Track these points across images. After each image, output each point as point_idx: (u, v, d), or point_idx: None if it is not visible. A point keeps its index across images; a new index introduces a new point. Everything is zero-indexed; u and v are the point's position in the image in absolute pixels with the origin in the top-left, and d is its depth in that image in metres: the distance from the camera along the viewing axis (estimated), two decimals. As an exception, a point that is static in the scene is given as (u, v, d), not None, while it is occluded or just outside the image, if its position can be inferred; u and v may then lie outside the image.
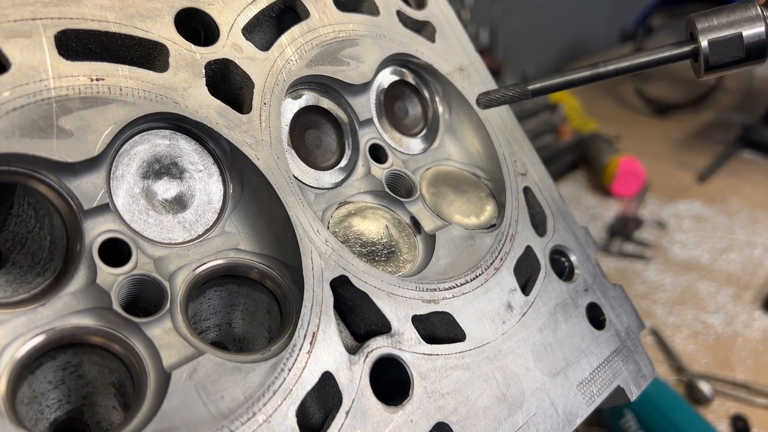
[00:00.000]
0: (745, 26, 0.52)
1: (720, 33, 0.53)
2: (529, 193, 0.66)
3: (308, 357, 0.46)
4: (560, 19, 3.05)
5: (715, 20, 0.53)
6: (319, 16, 0.59)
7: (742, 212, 1.98)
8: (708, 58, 0.53)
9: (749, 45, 0.52)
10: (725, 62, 0.53)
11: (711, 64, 0.53)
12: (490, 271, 0.59)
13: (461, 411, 0.51)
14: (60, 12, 0.45)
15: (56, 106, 0.43)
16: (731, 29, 0.52)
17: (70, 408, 0.45)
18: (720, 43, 0.53)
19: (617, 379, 0.61)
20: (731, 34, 0.52)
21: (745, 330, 1.50)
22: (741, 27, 0.52)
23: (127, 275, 0.44)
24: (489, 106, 0.60)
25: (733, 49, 0.52)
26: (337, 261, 0.51)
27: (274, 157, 0.51)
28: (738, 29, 0.52)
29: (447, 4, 0.70)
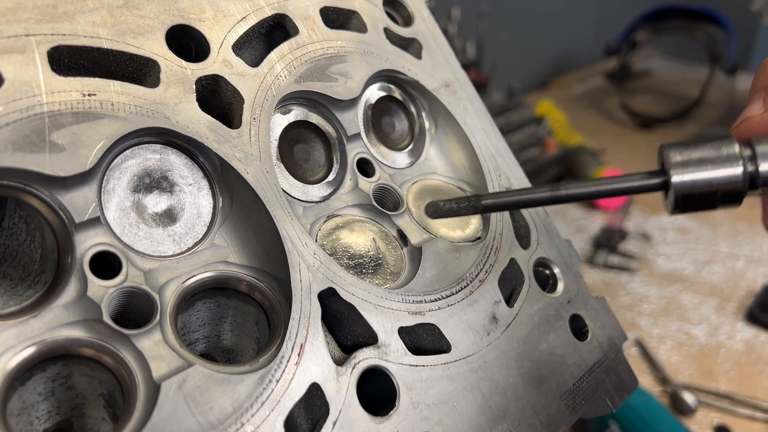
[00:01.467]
0: (721, 168, 0.47)
1: (693, 173, 0.47)
2: (514, 207, 0.68)
3: (296, 368, 0.47)
4: (546, 34, 3.09)
5: (690, 155, 0.48)
6: (307, 33, 0.60)
7: (724, 225, 2.01)
8: (678, 199, 0.48)
9: (724, 190, 0.47)
10: (696, 206, 0.48)
11: (681, 207, 0.49)
12: (475, 283, 0.60)
13: (446, 421, 0.52)
14: (53, 28, 0.46)
15: (49, 121, 0.43)
16: (705, 170, 0.47)
17: (60, 419, 0.46)
18: (692, 186, 0.47)
19: (600, 390, 0.62)
20: (704, 179, 0.47)
21: (728, 341, 1.51)
22: (717, 167, 0.47)
23: (118, 287, 0.45)
24: (436, 216, 0.59)
25: (705, 193, 0.47)
26: (325, 273, 0.52)
27: (263, 171, 0.52)
28: (713, 170, 0.47)
29: (433, 22, 0.72)
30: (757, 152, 0.46)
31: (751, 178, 0.46)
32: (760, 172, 0.46)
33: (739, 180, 0.46)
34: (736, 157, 0.46)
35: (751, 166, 0.46)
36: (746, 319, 1.58)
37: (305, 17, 0.60)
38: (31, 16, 0.45)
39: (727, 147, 0.47)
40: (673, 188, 0.48)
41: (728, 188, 0.47)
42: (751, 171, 0.46)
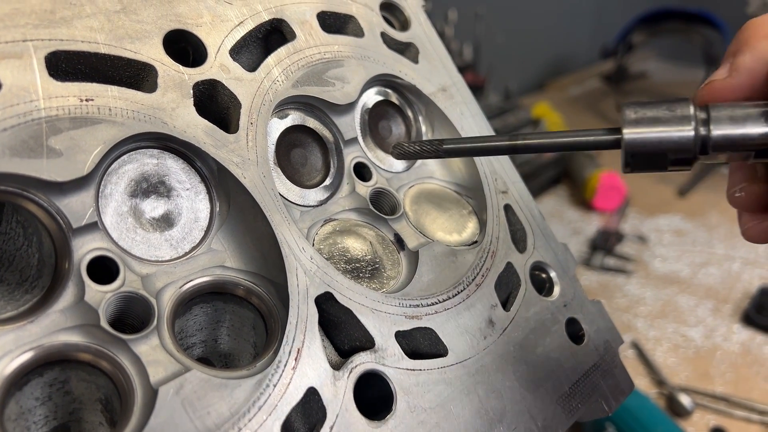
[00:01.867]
0: (673, 128, 0.45)
1: (644, 130, 0.46)
2: (510, 211, 0.68)
3: (293, 373, 0.47)
4: (543, 36, 3.09)
5: (645, 113, 0.46)
6: (305, 38, 0.60)
7: (721, 226, 2.01)
8: (628, 156, 0.47)
9: (674, 150, 0.46)
10: (646, 166, 0.47)
11: (631, 165, 0.48)
12: (472, 287, 0.60)
13: (443, 425, 0.52)
14: (50, 34, 0.46)
15: (46, 126, 0.43)
16: (657, 128, 0.46)
17: (57, 424, 0.46)
18: (641, 143, 0.46)
19: (596, 393, 0.63)
20: (654, 137, 0.46)
21: (724, 343, 1.52)
22: (669, 127, 0.46)
23: (115, 292, 0.45)
24: (401, 157, 0.59)
25: (655, 152, 0.46)
26: (322, 278, 0.52)
27: (260, 176, 0.52)
28: (664, 130, 0.46)
29: (430, 26, 0.72)
30: (712, 116, 0.45)
31: (702, 142, 0.45)
32: (712, 136, 0.45)
33: (689, 142, 0.45)
34: (689, 119, 0.45)
35: (703, 130, 0.45)
36: (742, 321, 1.58)
37: (302, 22, 0.61)
38: (29, 21, 0.46)
39: (682, 108, 0.46)
40: (624, 144, 0.47)
41: (678, 149, 0.45)
42: (703, 135, 0.45)
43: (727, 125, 0.44)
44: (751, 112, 0.44)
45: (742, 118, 0.44)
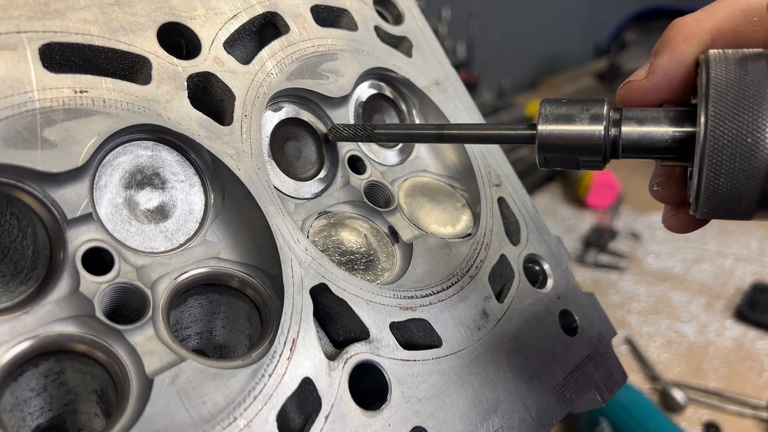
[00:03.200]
0: (584, 126, 0.46)
1: (557, 127, 0.46)
2: (504, 204, 0.68)
3: (288, 363, 0.47)
4: (537, 34, 3.10)
5: (560, 110, 0.47)
6: (298, 31, 0.60)
7: (713, 223, 2.02)
8: (541, 152, 0.47)
9: (584, 148, 0.46)
10: (559, 162, 0.48)
11: (546, 161, 0.48)
12: (466, 279, 0.60)
13: (438, 415, 0.52)
14: (44, 25, 0.46)
15: (40, 117, 0.43)
16: (569, 126, 0.46)
17: (52, 415, 0.46)
18: (553, 139, 0.46)
19: (589, 384, 0.63)
20: (565, 134, 0.46)
21: (717, 339, 1.52)
22: (580, 125, 0.46)
23: (110, 283, 0.45)
24: (336, 139, 0.60)
25: (566, 148, 0.46)
26: (317, 269, 0.52)
27: (254, 168, 0.52)
28: (576, 127, 0.46)
29: (424, 20, 0.72)
30: (623, 117, 0.45)
31: (613, 143, 0.45)
32: (622, 137, 0.45)
33: (598, 140, 0.45)
34: (601, 118, 0.45)
35: (614, 131, 0.45)
36: (735, 316, 1.59)
37: (296, 15, 0.61)
38: (23, 13, 0.46)
39: (596, 108, 0.46)
40: (537, 139, 0.47)
41: (588, 148, 0.46)
42: (614, 135, 0.45)
43: (636, 128, 0.45)
44: (659, 116, 0.44)
45: (650, 121, 0.44)
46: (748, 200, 0.40)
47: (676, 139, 0.43)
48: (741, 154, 0.39)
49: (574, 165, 0.48)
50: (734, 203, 0.40)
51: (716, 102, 0.40)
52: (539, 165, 0.49)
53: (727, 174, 0.40)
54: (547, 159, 0.48)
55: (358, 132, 0.59)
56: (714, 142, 0.40)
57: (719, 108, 0.40)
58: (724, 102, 0.40)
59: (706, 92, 0.40)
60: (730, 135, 0.39)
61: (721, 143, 0.39)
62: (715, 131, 0.40)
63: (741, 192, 0.40)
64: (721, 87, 0.40)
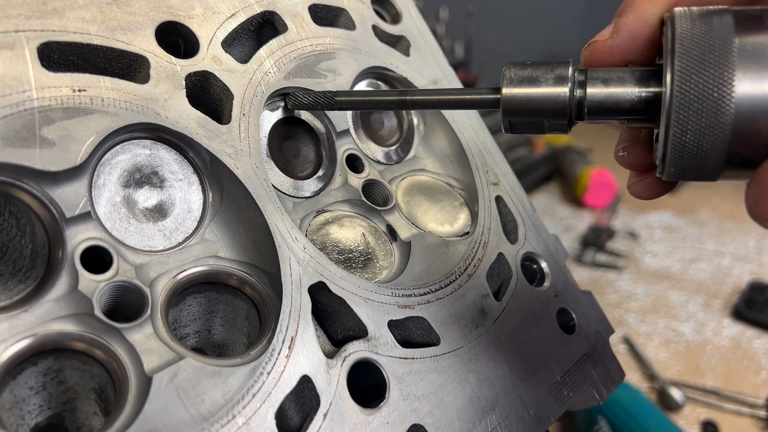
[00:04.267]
0: (549, 87, 0.45)
1: (521, 90, 0.45)
2: (501, 202, 0.68)
3: (287, 361, 0.48)
4: (534, 34, 3.10)
5: (524, 72, 0.46)
6: (296, 30, 0.60)
7: (711, 223, 2.03)
8: (505, 115, 0.46)
9: (549, 111, 0.45)
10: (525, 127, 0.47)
11: (510, 125, 0.47)
12: (464, 277, 0.60)
13: (436, 413, 0.52)
14: (42, 24, 0.46)
15: (39, 116, 0.44)
16: (533, 88, 0.45)
17: (51, 414, 0.46)
18: (517, 102, 0.46)
19: (587, 382, 0.63)
20: (530, 96, 0.45)
21: (714, 338, 1.53)
22: (545, 86, 0.45)
23: (109, 282, 0.45)
24: (296, 107, 0.59)
25: (531, 111, 0.46)
26: (315, 268, 0.52)
27: (253, 167, 0.53)
28: (540, 89, 0.45)
29: (421, 20, 0.73)
30: (588, 78, 0.44)
31: (579, 105, 0.44)
32: (587, 99, 0.44)
33: (563, 101, 0.44)
34: (566, 80, 0.44)
35: (579, 92, 0.44)
36: (732, 315, 1.60)
37: (294, 14, 0.61)
38: (21, 12, 0.46)
39: (561, 69, 0.45)
40: (501, 102, 0.46)
41: (553, 110, 0.45)
42: (579, 96, 0.44)
43: (601, 89, 0.44)
44: (624, 76, 0.43)
45: (615, 82, 0.44)
46: (715, 158, 0.39)
47: (642, 99, 0.43)
48: (707, 110, 0.38)
49: (540, 129, 0.47)
50: (701, 161, 0.40)
51: (682, 57, 0.39)
52: (504, 130, 0.48)
53: (694, 130, 0.39)
54: (512, 123, 0.47)
55: (318, 99, 0.57)
56: (680, 98, 0.39)
57: (685, 63, 0.39)
58: (689, 57, 0.39)
59: (672, 48, 0.40)
60: (697, 90, 0.38)
61: (687, 99, 0.39)
62: (681, 87, 0.39)
63: (708, 149, 0.39)
64: (687, 42, 0.39)
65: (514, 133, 0.48)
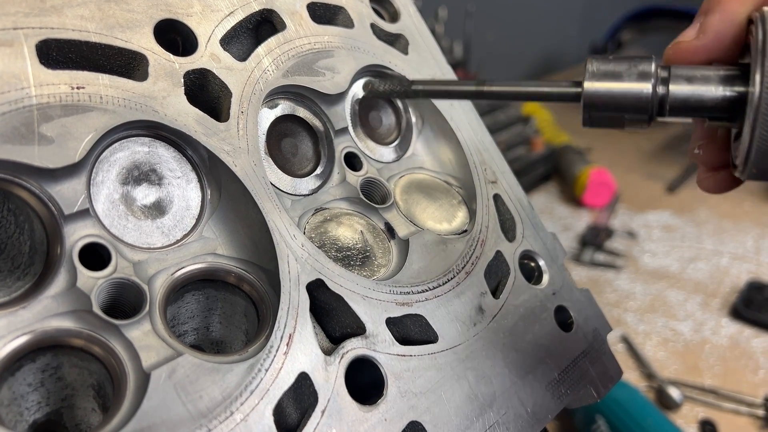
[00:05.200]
0: (632, 83, 0.45)
1: (604, 84, 0.46)
2: (499, 200, 0.68)
3: (285, 358, 0.48)
4: (533, 33, 3.11)
5: (607, 67, 0.46)
6: (295, 28, 0.60)
7: (709, 222, 2.03)
8: (586, 109, 0.47)
9: (631, 106, 0.46)
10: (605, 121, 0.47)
11: (590, 119, 0.48)
12: (462, 275, 0.61)
13: (434, 410, 0.53)
14: (41, 22, 0.46)
15: (37, 113, 0.44)
16: (616, 83, 0.46)
17: (50, 410, 0.46)
18: (600, 96, 0.46)
19: (585, 380, 0.63)
20: (613, 91, 0.46)
21: (713, 337, 1.53)
22: (628, 82, 0.45)
23: (107, 279, 0.45)
24: (372, 95, 0.61)
25: (612, 106, 0.46)
26: (313, 265, 0.52)
27: (251, 164, 0.53)
28: (623, 84, 0.45)
29: (420, 18, 0.73)
30: (672, 76, 0.45)
31: (660, 102, 0.45)
32: (669, 96, 0.44)
33: (646, 97, 0.45)
34: (649, 76, 0.45)
35: (662, 89, 0.45)
36: (731, 315, 1.60)
37: (292, 12, 0.61)
38: (20, 9, 0.46)
39: (644, 65, 0.45)
40: (583, 96, 0.47)
41: (635, 106, 0.45)
42: (661, 93, 0.45)
43: (685, 86, 0.44)
44: (709, 75, 0.44)
45: (699, 80, 0.44)
46: None
47: (726, 98, 0.43)
48: None
49: (619, 124, 0.47)
50: None
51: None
52: (583, 124, 0.48)
53: None
54: (592, 117, 0.48)
55: (394, 87, 0.59)
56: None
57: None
58: None
59: (763, 48, 0.39)
60: None
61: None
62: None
63: None
64: None
65: (593, 126, 0.48)
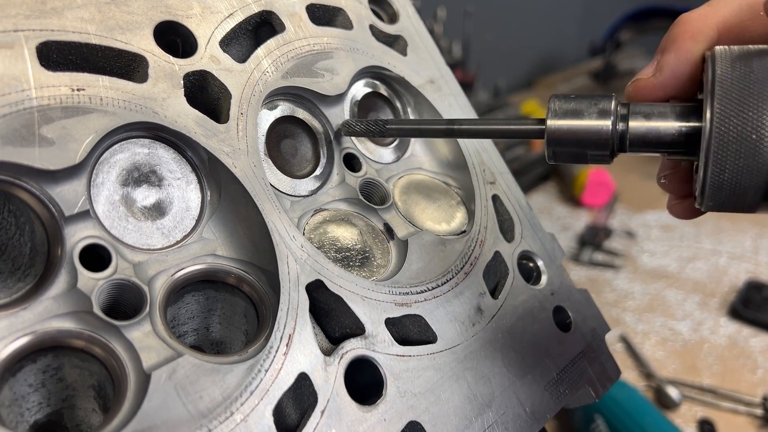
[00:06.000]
0: (592, 120, 0.47)
1: (565, 122, 0.47)
2: (498, 201, 0.69)
3: (284, 358, 0.48)
4: (532, 33, 3.11)
5: (569, 105, 0.48)
6: (294, 30, 0.61)
7: (707, 222, 2.03)
8: (549, 146, 0.48)
9: (592, 143, 0.47)
10: (568, 157, 0.49)
11: (554, 155, 0.49)
12: (461, 275, 0.61)
13: (433, 410, 0.53)
14: (41, 24, 0.47)
15: (38, 115, 0.44)
16: (577, 120, 0.47)
17: (50, 411, 0.46)
18: (561, 133, 0.48)
19: (583, 380, 0.64)
20: (573, 128, 0.47)
21: (711, 336, 1.53)
22: (588, 119, 0.47)
23: (108, 280, 0.46)
24: (348, 134, 0.62)
25: (574, 142, 0.47)
26: (313, 266, 0.52)
27: (251, 166, 0.53)
28: (583, 122, 0.47)
29: (418, 19, 0.73)
30: (631, 112, 0.46)
31: (621, 138, 0.46)
32: (629, 132, 0.46)
33: (605, 135, 0.46)
34: (609, 113, 0.46)
35: (621, 125, 0.46)
36: (729, 314, 1.60)
37: (291, 14, 0.61)
38: (20, 11, 0.46)
39: (604, 102, 0.47)
40: (546, 133, 0.48)
41: (596, 142, 0.47)
42: (622, 129, 0.46)
43: (643, 123, 0.46)
44: (665, 111, 0.45)
45: (656, 116, 0.45)
46: (752, 195, 0.41)
47: (682, 133, 0.44)
48: (745, 151, 0.40)
49: (583, 159, 0.49)
50: (738, 197, 0.41)
51: (721, 99, 0.41)
52: (548, 159, 0.50)
53: (732, 170, 0.40)
54: (555, 153, 0.49)
55: (370, 127, 0.60)
56: (719, 139, 0.40)
57: (724, 105, 0.40)
58: (728, 99, 0.40)
59: (711, 89, 0.41)
60: (735, 132, 0.40)
61: (726, 140, 0.40)
62: (720, 128, 0.40)
63: (745, 187, 0.41)
64: (726, 84, 0.41)
65: (557, 162, 0.50)
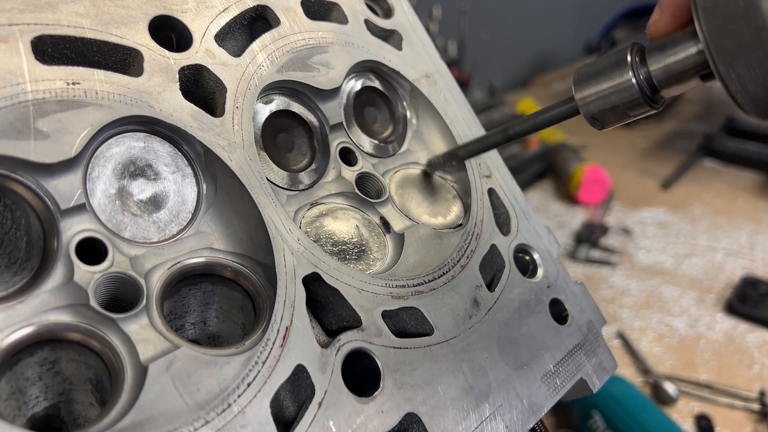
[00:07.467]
0: (615, 79, 0.47)
1: (592, 90, 0.48)
2: (494, 194, 0.69)
3: (281, 351, 0.48)
4: (527, 32, 3.11)
5: (590, 70, 0.48)
6: (289, 24, 0.61)
7: (704, 218, 2.04)
8: (587, 116, 0.49)
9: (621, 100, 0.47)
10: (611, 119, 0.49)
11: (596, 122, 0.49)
12: (457, 268, 0.61)
13: (430, 402, 0.53)
14: (36, 18, 0.47)
15: (33, 108, 0.44)
16: (601, 84, 0.48)
17: (48, 404, 0.46)
18: (590, 101, 0.48)
19: (580, 372, 0.64)
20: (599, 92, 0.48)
21: (707, 332, 1.54)
22: (611, 79, 0.47)
23: (104, 273, 0.46)
24: (434, 169, 0.67)
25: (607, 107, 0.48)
26: (309, 259, 0.52)
27: (246, 159, 0.53)
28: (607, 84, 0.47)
29: (414, 14, 0.73)
30: (647, 55, 0.46)
31: (648, 82, 0.46)
32: (651, 74, 0.46)
33: (631, 87, 0.46)
34: (626, 66, 0.46)
35: (643, 71, 0.46)
36: (725, 310, 1.60)
37: (286, 8, 0.61)
38: (15, 5, 0.46)
39: (620, 55, 0.47)
40: (579, 107, 0.49)
41: (626, 99, 0.47)
42: (645, 75, 0.46)
43: (662, 58, 0.46)
44: (677, 37, 0.45)
45: (670, 44, 0.45)
46: None
47: (701, 49, 0.44)
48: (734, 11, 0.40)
49: (625, 116, 0.49)
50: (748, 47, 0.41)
51: None
52: (596, 128, 0.51)
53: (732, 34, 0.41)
54: (596, 119, 0.49)
55: (450, 161, 0.65)
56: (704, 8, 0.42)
57: None
58: None
59: None
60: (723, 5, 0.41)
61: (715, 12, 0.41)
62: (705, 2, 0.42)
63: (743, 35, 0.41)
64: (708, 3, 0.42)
65: (606, 128, 0.50)
